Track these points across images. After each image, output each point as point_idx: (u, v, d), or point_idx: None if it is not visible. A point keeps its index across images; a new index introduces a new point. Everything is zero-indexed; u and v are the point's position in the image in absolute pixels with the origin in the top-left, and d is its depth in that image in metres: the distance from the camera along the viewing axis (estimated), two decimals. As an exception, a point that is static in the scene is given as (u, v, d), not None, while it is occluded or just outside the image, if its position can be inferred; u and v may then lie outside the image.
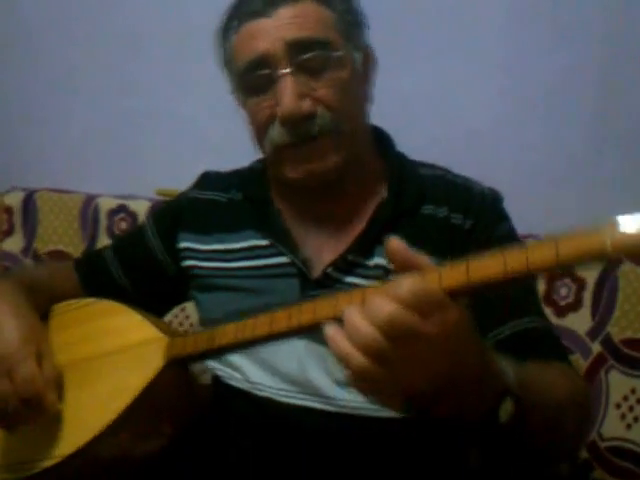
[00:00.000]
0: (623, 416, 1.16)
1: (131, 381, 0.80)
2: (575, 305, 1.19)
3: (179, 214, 1.02)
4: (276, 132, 0.87)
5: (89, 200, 1.49)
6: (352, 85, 0.88)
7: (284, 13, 0.85)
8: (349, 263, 0.88)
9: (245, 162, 1.04)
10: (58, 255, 1.48)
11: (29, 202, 1.52)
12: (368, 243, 0.89)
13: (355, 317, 0.56)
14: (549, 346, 0.87)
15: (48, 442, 0.84)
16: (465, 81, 1.38)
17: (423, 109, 1.39)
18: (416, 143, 0.97)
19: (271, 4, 0.85)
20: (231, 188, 1.01)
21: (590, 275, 1.19)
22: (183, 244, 1.00)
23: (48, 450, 0.84)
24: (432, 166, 0.99)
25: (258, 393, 0.89)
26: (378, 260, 0.88)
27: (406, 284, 0.54)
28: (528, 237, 1.21)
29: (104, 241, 1.43)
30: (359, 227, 0.90)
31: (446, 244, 0.88)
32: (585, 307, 1.19)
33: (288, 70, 0.84)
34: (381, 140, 0.98)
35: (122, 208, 1.45)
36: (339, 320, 0.63)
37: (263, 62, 0.85)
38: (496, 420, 0.64)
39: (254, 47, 0.85)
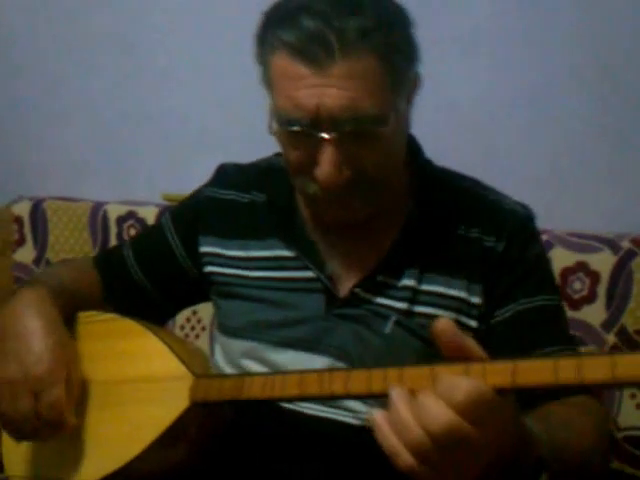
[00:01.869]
0: (638, 406, 1.17)
1: (156, 416, 0.81)
2: (589, 298, 1.19)
3: (198, 215, 0.99)
4: (311, 187, 0.82)
5: (97, 207, 1.49)
6: (396, 140, 0.82)
7: (339, 70, 0.73)
8: (378, 284, 0.87)
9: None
10: (71, 263, 1.49)
11: (37, 211, 1.52)
12: (397, 264, 0.88)
13: (406, 416, 0.55)
14: None
15: (73, 464, 0.86)
16: (458, 70, 1.36)
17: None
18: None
19: (328, 55, 0.73)
20: (252, 188, 0.97)
21: (604, 269, 1.18)
22: (204, 248, 0.97)
23: (73, 473, 0.85)
24: (461, 177, 0.95)
25: (283, 405, 0.88)
26: (407, 282, 0.87)
27: (462, 390, 0.53)
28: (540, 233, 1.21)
29: (115, 248, 1.44)
30: (386, 243, 0.88)
31: (479, 267, 0.88)
32: (599, 300, 1.19)
33: (332, 135, 0.76)
34: (409, 148, 0.93)
35: (131, 215, 1.45)
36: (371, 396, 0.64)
37: (307, 120, 0.77)
38: None
39: (296, 101, 0.76)
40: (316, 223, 0.92)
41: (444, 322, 0.58)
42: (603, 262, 1.18)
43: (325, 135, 0.76)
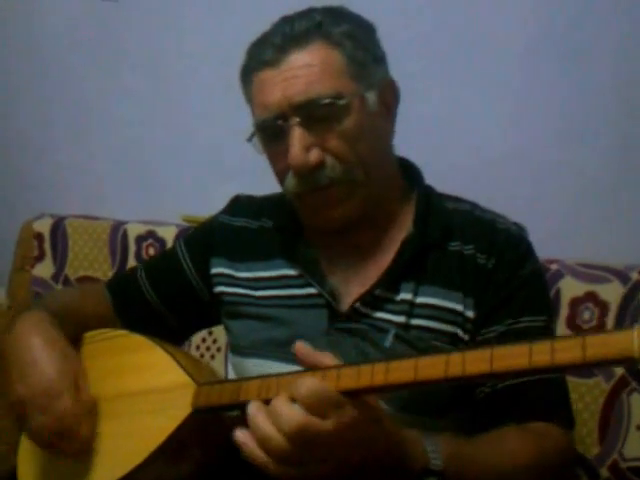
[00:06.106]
0: (644, 437, 1.18)
1: (160, 424, 0.83)
2: (598, 328, 1.19)
3: (211, 239, 1.04)
4: (290, 181, 0.88)
5: (117, 226, 1.51)
6: (365, 129, 0.87)
7: (293, 61, 0.85)
8: (376, 298, 0.90)
9: (269, 188, 1.05)
10: (89, 281, 1.50)
11: (58, 228, 1.54)
12: (395, 278, 0.91)
13: (263, 426, 0.62)
14: (543, 404, 0.88)
15: (80, 477, 0.87)
16: (481, 108, 1.39)
17: (440, 137, 1.40)
18: (433, 170, 0.98)
19: (280, 51, 0.85)
20: (262, 215, 1.03)
21: (613, 300, 1.19)
22: (216, 270, 1.01)
23: None
24: (459, 200, 0.99)
25: None
26: (404, 295, 0.90)
27: (304, 385, 0.61)
28: (551, 262, 1.24)
29: (134, 266, 1.45)
30: (386, 261, 0.92)
31: (472, 282, 0.90)
32: (608, 331, 1.20)
33: (297, 121, 0.85)
34: (409, 172, 0.98)
35: (150, 234, 1.48)
36: (381, 387, 0.66)
37: (274, 114, 0.86)
38: None
39: (264, 102, 0.87)
40: (320, 242, 0.95)
41: (300, 346, 0.66)
42: (612, 293, 1.19)
43: (291, 122, 0.85)
